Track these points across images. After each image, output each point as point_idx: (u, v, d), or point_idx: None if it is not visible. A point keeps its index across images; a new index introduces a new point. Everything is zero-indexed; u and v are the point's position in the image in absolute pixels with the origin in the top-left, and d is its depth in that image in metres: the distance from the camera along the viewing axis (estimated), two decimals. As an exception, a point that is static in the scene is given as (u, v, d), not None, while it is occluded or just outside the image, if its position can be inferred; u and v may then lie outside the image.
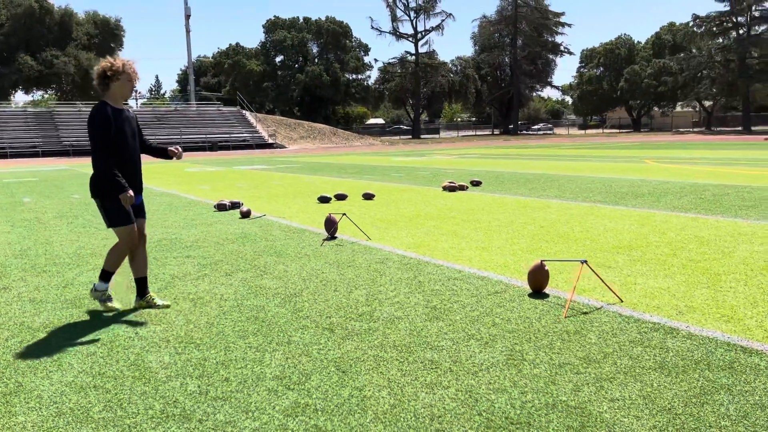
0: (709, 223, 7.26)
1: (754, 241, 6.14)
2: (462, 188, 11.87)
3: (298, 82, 73.69)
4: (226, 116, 53.03)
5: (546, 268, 4.48)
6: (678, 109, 79.31)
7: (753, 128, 61.10)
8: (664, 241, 6.29)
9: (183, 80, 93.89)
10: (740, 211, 8.18)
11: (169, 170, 21.35)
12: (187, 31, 59.75)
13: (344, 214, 7.39)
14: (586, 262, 4.32)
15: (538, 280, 4.46)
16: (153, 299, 4.46)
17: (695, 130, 69.56)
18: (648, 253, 5.73)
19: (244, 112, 55.17)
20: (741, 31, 59.60)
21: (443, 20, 70.28)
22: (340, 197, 10.89)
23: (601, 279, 4.50)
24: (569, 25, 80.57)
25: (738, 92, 60.59)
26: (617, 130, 79.28)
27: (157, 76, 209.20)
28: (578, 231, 7.04)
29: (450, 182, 12.17)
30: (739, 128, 62.65)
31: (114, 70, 4.11)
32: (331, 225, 6.96)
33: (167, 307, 4.43)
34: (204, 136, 47.24)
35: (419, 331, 3.76)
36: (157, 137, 43.11)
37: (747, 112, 62.19)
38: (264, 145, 47.72)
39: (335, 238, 6.99)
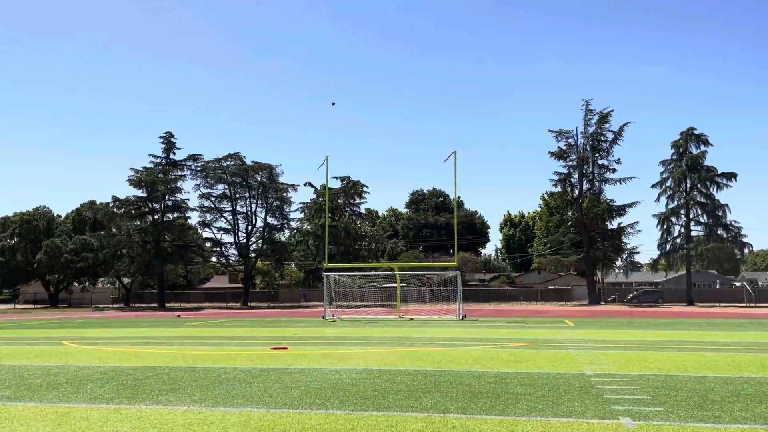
0: (132, 413, 7.01)
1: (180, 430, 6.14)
2: None
3: None
4: None
5: None
6: (99, 285, 79.83)
7: (167, 304, 66.36)
8: (85, 443, 5.68)
9: None
10: (160, 396, 8.23)
11: None
12: None
13: None
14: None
15: None
16: None
17: (114, 306, 70.98)
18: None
19: None
20: (156, 217, 65.78)
21: None
22: None
23: None
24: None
25: (154, 271, 65.36)
26: (32, 306, 73.86)
27: None
28: (-22, 444, 5.73)
29: None
30: (156, 304, 66.97)
31: None
32: None
33: None
34: None
35: None
36: None
37: (162, 290, 67.37)
38: None
39: None
